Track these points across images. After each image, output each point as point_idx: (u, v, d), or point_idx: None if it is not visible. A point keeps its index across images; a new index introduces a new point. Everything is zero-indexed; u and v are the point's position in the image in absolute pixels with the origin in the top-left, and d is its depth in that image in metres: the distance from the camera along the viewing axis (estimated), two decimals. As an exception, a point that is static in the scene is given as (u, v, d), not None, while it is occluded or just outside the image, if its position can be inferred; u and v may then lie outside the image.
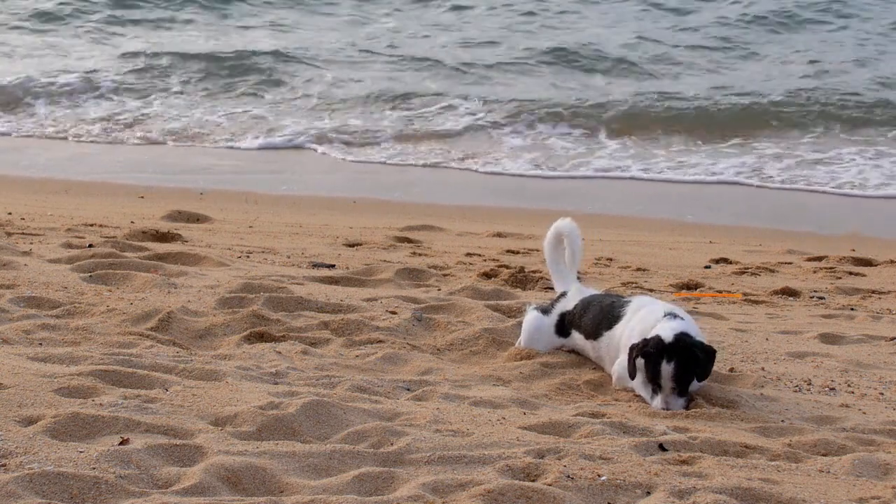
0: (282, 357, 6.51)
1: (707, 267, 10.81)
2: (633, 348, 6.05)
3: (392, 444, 5.05)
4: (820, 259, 11.35)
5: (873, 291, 9.83)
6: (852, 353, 7.35)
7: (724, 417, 5.81)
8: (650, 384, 6.04)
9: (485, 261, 10.32)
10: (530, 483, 4.64)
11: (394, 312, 7.50)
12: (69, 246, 9.39)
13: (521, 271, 9.39)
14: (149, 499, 4.37)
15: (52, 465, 4.55)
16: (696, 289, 9.61)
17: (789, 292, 9.58)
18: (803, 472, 5.05)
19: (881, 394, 6.47)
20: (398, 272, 9.12)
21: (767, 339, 7.57)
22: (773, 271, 10.67)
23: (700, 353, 5.98)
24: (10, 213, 11.44)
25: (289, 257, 9.95)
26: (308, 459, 4.83)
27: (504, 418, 5.57)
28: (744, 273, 10.52)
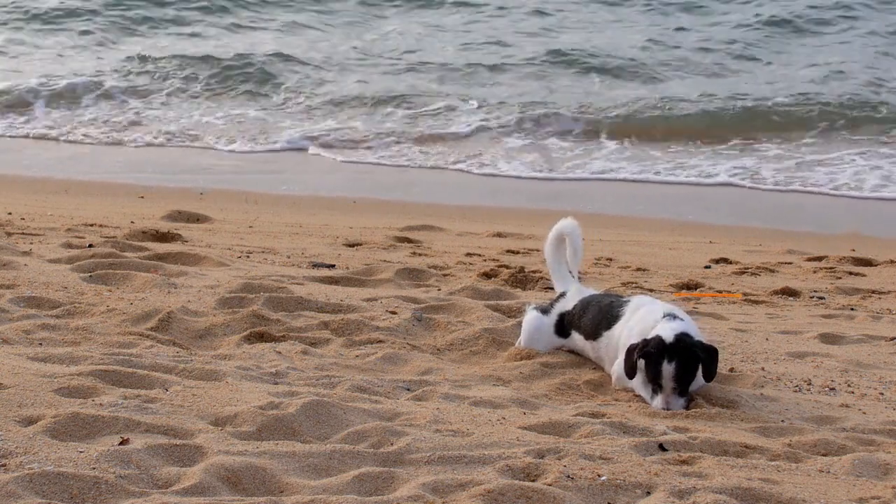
0: (282, 357, 6.51)
1: (707, 267, 10.81)
2: (634, 348, 6.05)
3: (392, 444, 5.05)
4: (820, 259, 11.35)
5: (873, 291, 9.83)
6: (852, 353, 7.35)
7: (724, 417, 5.81)
8: (650, 384, 6.04)
9: (485, 261, 10.32)
10: (530, 483, 4.64)
11: (394, 312, 7.50)
12: (69, 246, 9.39)
13: (521, 271, 9.39)
14: (149, 499, 4.37)
15: (52, 465, 4.55)
16: (696, 289, 9.61)
17: (789, 292, 9.58)
18: (803, 472, 5.05)
19: (881, 394, 6.47)
20: (398, 272, 9.12)
21: (767, 339, 7.57)
22: (773, 271, 10.67)
23: (702, 353, 5.98)
24: (10, 213, 11.44)
25: (289, 257, 9.95)
26: (308, 459, 4.83)
27: (504, 418, 5.57)
28: (744, 273, 10.52)
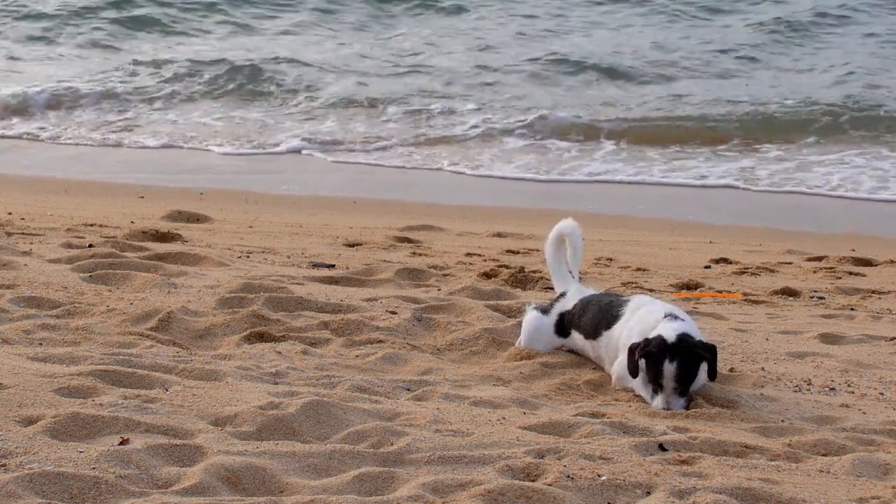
0: (282, 357, 6.51)
1: (707, 267, 10.81)
2: (635, 348, 6.05)
3: (392, 444, 5.05)
4: (820, 259, 11.35)
5: (873, 291, 9.83)
6: (852, 353, 7.35)
7: (724, 417, 5.81)
8: (651, 384, 6.04)
9: (485, 261, 10.32)
10: (530, 483, 4.64)
11: (394, 312, 7.50)
12: (69, 246, 9.39)
13: (521, 271, 9.39)
14: (149, 499, 4.37)
15: (52, 465, 4.55)
16: (696, 289, 9.61)
17: (789, 292, 9.58)
18: (803, 472, 5.05)
19: (881, 394, 6.47)
20: (398, 272, 9.12)
21: (767, 339, 7.57)
22: (773, 271, 10.67)
23: (704, 353, 5.98)
24: (10, 213, 11.44)
25: (289, 257, 9.95)
26: (308, 459, 4.83)
27: (504, 418, 5.57)
28: (744, 273, 10.52)
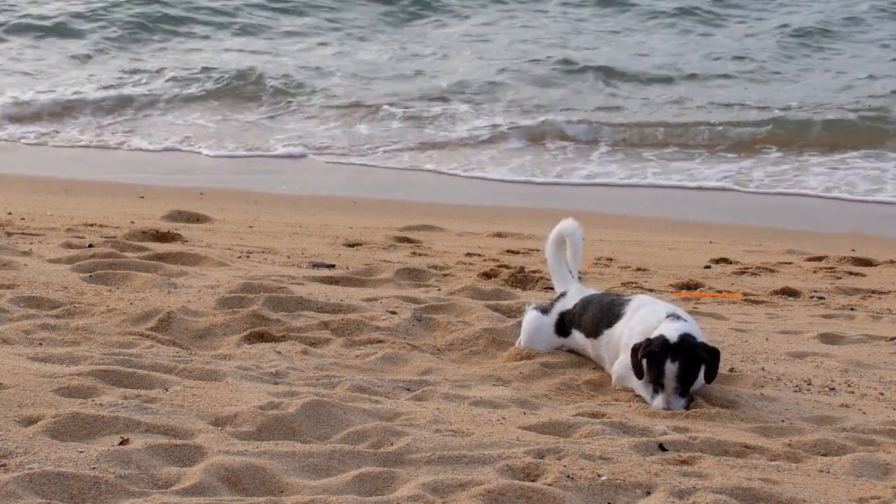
0: (282, 357, 6.51)
1: (707, 267, 10.81)
2: (637, 348, 6.05)
3: (392, 444, 5.05)
4: (820, 259, 11.35)
5: (873, 291, 9.83)
6: (852, 353, 7.35)
7: (724, 417, 5.81)
8: (651, 384, 6.04)
9: (485, 261, 10.32)
10: (530, 483, 4.64)
11: (394, 312, 7.50)
12: (69, 246, 9.39)
13: (521, 271, 9.39)
14: (149, 499, 4.37)
15: (52, 465, 4.55)
16: (696, 289, 9.61)
17: (789, 292, 9.58)
18: (803, 472, 5.05)
19: (881, 394, 6.47)
20: (398, 272, 9.12)
21: (767, 339, 7.57)
22: (773, 271, 10.67)
23: (705, 354, 5.98)
24: (10, 213, 11.44)
25: (289, 257, 9.95)
26: (308, 459, 4.83)
27: (504, 418, 5.57)
28: (744, 273, 10.52)
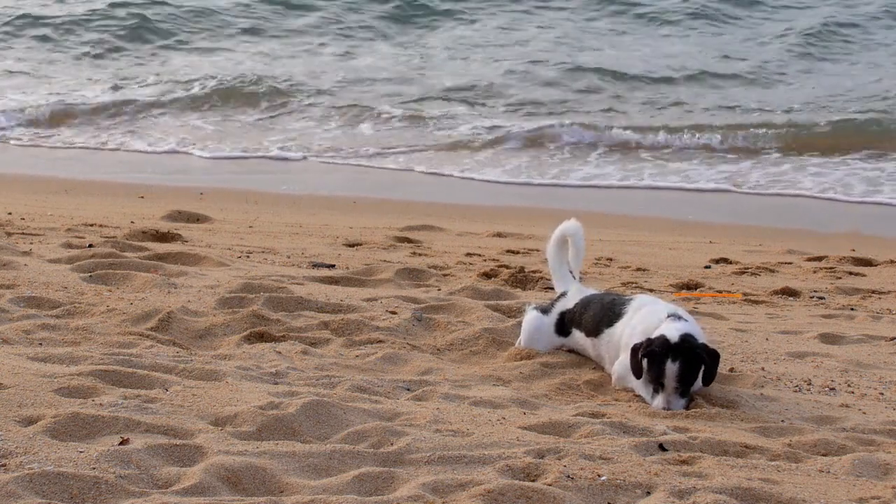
0: (282, 357, 6.51)
1: (707, 267, 10.81)
2: (638, 348, 6.05)
3: (392, 444, 5.05)
4: (820, 259, 11.35)
5: (873, 291, 9.83)
6: (852, 353, 7.35)
7: (724, 417, 5.81)
8: (652, 384, 6.04)
9: (485, 261, 10.32)
10: (530, 483, 4.64)
11: (394, 312, 7.50)
12: (69, 246, 9.39)
13: (521, 271, 9.39)
14: (149, 499, 4.37)
15: (52, 465, 4.55)
16: (696, 289, 9.61)
17: (789, 292, 9.58)
18: (803, 472, 5.05)
19: (881, 394, 6.47)
20: (398, 272, 9.12)
21: (767, 339, 7.57)
22: (773, 271, 10.67)
23: (705, 355, 5.98)
24: (10, 213, 11.44)
25: (289, 257, 9.95)
26: (308, 459, 4.83)
27: (504, 418, 5.57)
28: (744, 273, 10.52)
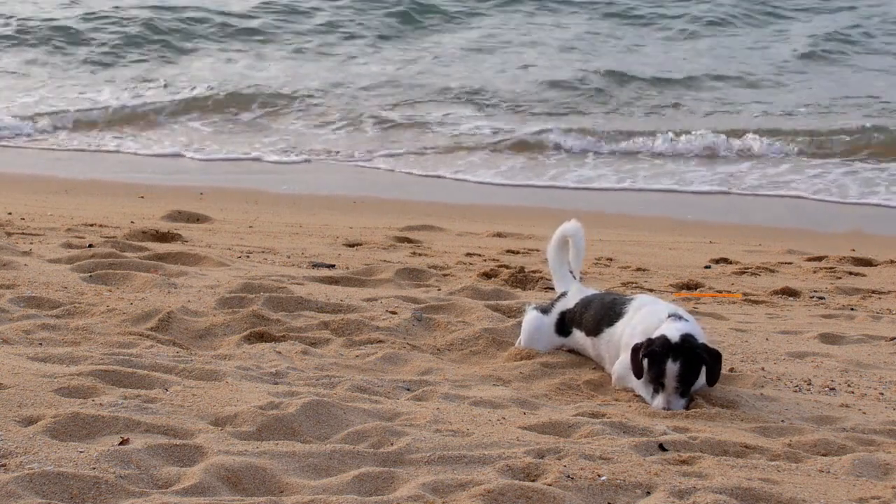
0: (282, 357, 6.51)
1: (707, 267, 10.82)
2: (639, 348, 6.05)
3: (392, 444, 5.05)
4: (820, 259, 11.35)
5: (873, 291, 9.83)
6: (852, 353, 7.35)
7: (724, 417, 5.81)
8: (652, 384, 6.04)
9: (485, 261, 10.32)
10: (530, 483, 4.64)
11: (394, 312, 7.50)
12: (69, 246, 9.39)
13: (521, 271, 9.39)
14: (149, 499, 4.37)
15: (52, 465, 4.55)
16: (696, 289, 9.61)
17: (789, 292, 9.58)
18: (803, 472, 5.05)
19: (881, 394, 6.47)
20: (398, 272, 9.12)
21: (767, 339, 7.57)
22: (773, 271, 10.67)
23: (706, 355, 5.98)
24: (10, 213, 11.44)
25: (289, 257, 9.95)
26: (308, 459, 4.83)
27: (504, 418, 5.57)
28: (744, 273, 10.52)
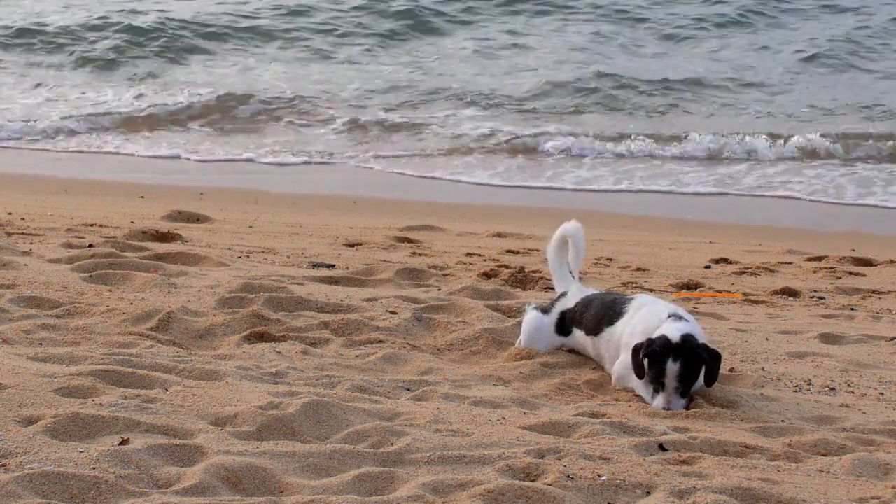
0: (282, 357, 6.51)
1: (707, 267, 10.82)
2: (639, 348, 6.05)
3: (392, 444, 5.05)
4: (820, 259, 11.35)
5: (873, 291, 9.83)
6: (852, 353, 7.35)
7: (724, 417, 5.81)
8: (652, 384, 6.04)
9: (485, 261, 10.32)
10: (530, 483, 4.64)
11: (394, 312, 7.50)
12: (69, 246, 9.39)
13: (521, 271, 9.39)
14: (149, 499, 4.37)
15: (52, 465, 4.55)
16: (696, 289, 9.61)
17: (789, 292, 9.58)
18: (803, 472, 5.05)
19: (881, 394, 6.47)
20: (398, 272, 9.12)
21: (767, 339, 7.57)
22: (773, 271, 10.67)
23: (706, 355, 5.98)
24: (10, 213, 11.44)
25: (289, 257, 9.95)
26: (308, 459, 4.83)
27: (504, 418, 5.57)
28: (744, 273, 10.53)
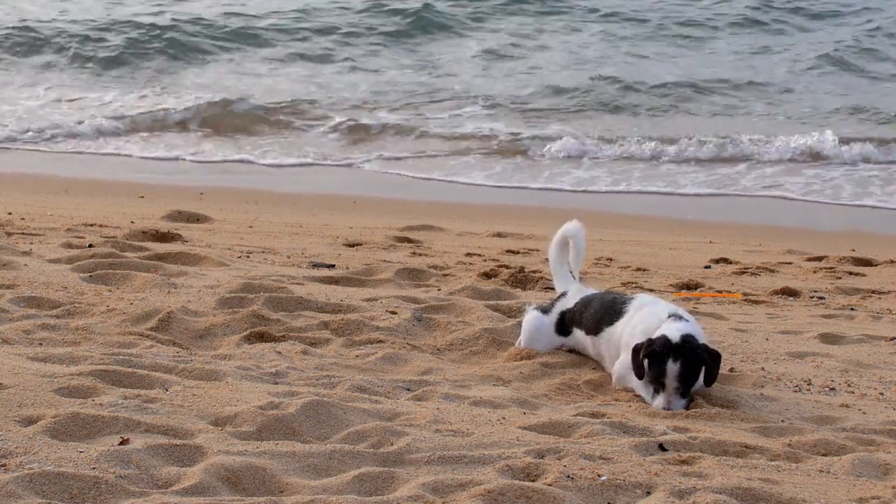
0: (282, 357, 6.51)
1: (707, 267, 10.82)
2: (639, 348, 6.05)
3: (392, 444, 5.05)
4: (820, 259, 11.36)
5: (873, 291, 9.83)
6: (852, 353, 7.35)
7: (724, 417, 5.81)
8: (652, 384, 6.04)
9: (485, 261, 10.33)
10: (530, 483, 4.64)
11: (394, 312, 7.50)
12: (69, 246, 9.39)
13: (521, 271, 9.40)
14: (149, 499, 4.37)
15: (52, 465, 4.55)
16: (696, 289, 9.61)
17: (789, 292, 9.58)
18: (803, 472, 5.05)
19: (881, 394, 6.47)
20: (398, 272, 9.12)
21: (767, 339, 7.57)
22: (773, 271, 10.67)
23: (706, 355, 5.98)
24: (10, 213, 11.45)
25: (289, 257, 9.95)
26: (308, 459, 4.83)
27: (504, 418, 5.57)
28: (744, 273, 10.53)
